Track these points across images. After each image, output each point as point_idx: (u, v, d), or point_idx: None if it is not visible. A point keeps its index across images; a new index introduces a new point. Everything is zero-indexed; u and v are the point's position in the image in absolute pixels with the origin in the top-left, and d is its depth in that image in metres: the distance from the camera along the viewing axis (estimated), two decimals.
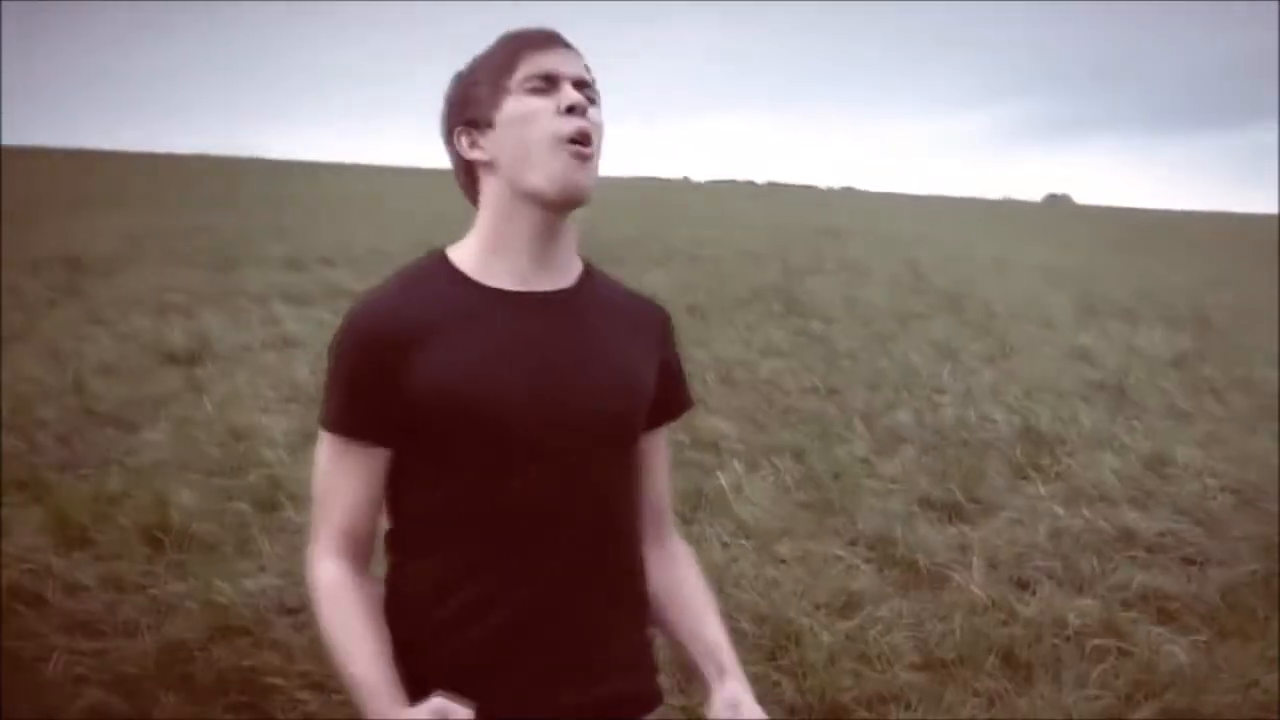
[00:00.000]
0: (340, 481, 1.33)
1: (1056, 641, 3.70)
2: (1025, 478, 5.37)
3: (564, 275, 1.37)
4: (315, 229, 18.20)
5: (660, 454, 1.48)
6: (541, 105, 1.31)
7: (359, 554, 1.33)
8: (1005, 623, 3.80)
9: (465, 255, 1.36)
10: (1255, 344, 9.93)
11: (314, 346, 8.03)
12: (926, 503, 4.91)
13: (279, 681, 3.17)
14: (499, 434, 1.29)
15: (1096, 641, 3.64)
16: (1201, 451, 5.81)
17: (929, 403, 6.88)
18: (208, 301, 9.97)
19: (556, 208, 1.32)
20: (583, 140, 1.30)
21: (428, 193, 32.82)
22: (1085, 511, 4.78)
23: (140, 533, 4.15)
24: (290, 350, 7.92)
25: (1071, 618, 3.81)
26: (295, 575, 3.80)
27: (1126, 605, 4.02)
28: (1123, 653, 3.61)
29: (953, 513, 4.83)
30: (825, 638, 3.61)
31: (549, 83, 1.32)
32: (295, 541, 4.15)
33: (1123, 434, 6.12)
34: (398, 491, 1.35)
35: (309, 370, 7.20)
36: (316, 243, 16.10)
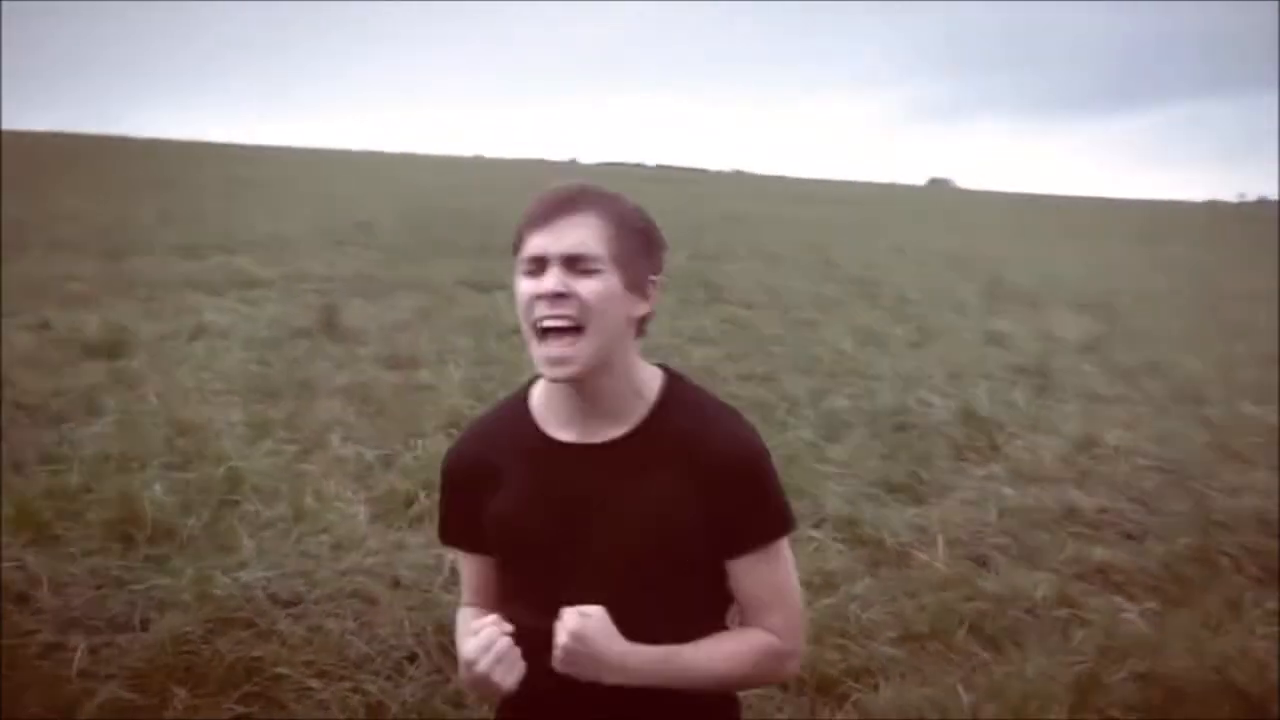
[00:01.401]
0: (462, 571, 1.70)
1: (1019, 614, 4.00)
2: (967, 459, 5.71)
3: (614, 426, 1.51)
4: (202, 214, 17.78)
5: (747, 578, 1.53)
6: (528, 290, 1.45)
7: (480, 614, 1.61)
8: (970, 598, 4.07)
9: (538, 395, 1.57)
10: (1158, 329, 10.59)
11: (237, 337, 7.97)
12: (883, 485, 5.19)
13: (287, 671, 3.25)
14: (536, 566, 1.54)
15: (1058, 613, 3.95)
16: (1129, 433, 6.24)
17: (865, 388, 7.20)
18: (112, 291, 9.74)
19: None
20: (555, 330, 1.43)
21: (319, 174, 32.28)
22: (1033, 490, 5.13)
23: (109, 528, 4.13)
24: (213, 340, 7.82)
25: (1030, 591, 4.12)
26: (284, 568, 3.87)
27: (1079, 578, 4.36)
28: (1082, 622, 3.92)
29: (908, 494, 5.13)
30: (809, 614, 3.84)
31: (538, 264, 1.45)
32: (274, 535, 4.20)
33: (1054, 417, 6.53)
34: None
35: (237, 361, 7.15)
36: (208, 228, 15.76)
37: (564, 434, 1.52)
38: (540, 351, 1.45)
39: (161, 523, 4.21)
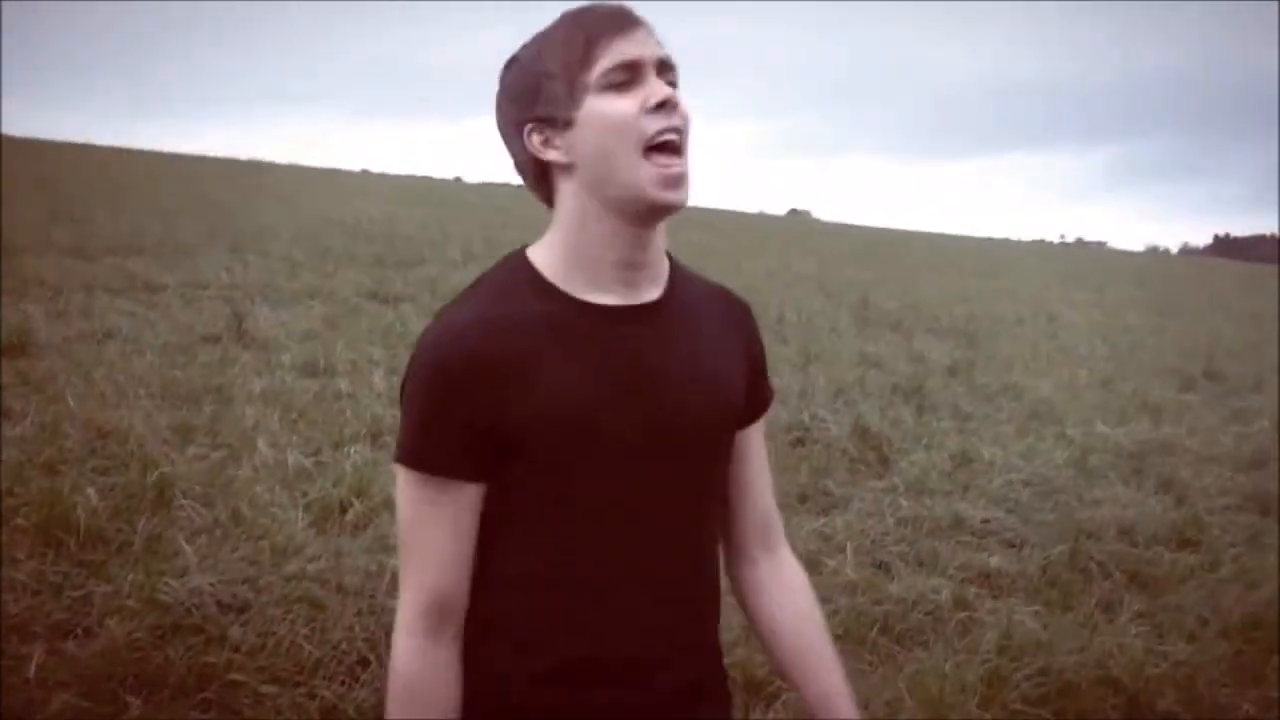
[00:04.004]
0: (429, 529, 1.19)
1: (922, 616, 4.13)
2: (861, 473, 5.87)
3: (655, 284, 1.25)
4: (90, 216, 16.97)
5: (760, 454, 1.38)
6: (625, 105, 1.15)
7: (446, 623, 1.20)
8: (879, 601, 4.18)
9: (549, 262, 1.22)
10: (1010, 354, 11.08)
11: (143, 341, 7.61)
12: (792, 496, 5.29)
13: (241, 678, 3.12)
14: (599, 458, 1.20)
15: (959, 615, 4.09)
16: (999, 450, 6.51)
17: None
18: (9, 290, 9.16)
19: (644, 220, 1.19)
20: (673, 146, 1.16)
21: (205, 181, 31.06)
22: (924, 502, 5.30)
23: (38, 533, 3.89)
24: (122, 344, 7.44)
25: (930, 595, 4.26)
26: (227, 574, 3.71)
27: (970, 582, 4.53)
28: (979, 623, 4.08)
29: (814, 504, 5.24)
30: (736, 619, 3.87)
31: (631, 72, 1.16)
32: (211, 540, 4.02)
33: (934, 434, 6.77)
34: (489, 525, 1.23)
35: (149, 366, 6.84)
36: (97, 230, 15.04)
37: (605, 298, 1.21)
38: (654, 172, 1.15)
39: (93, 528, 3.99)
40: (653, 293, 1.24)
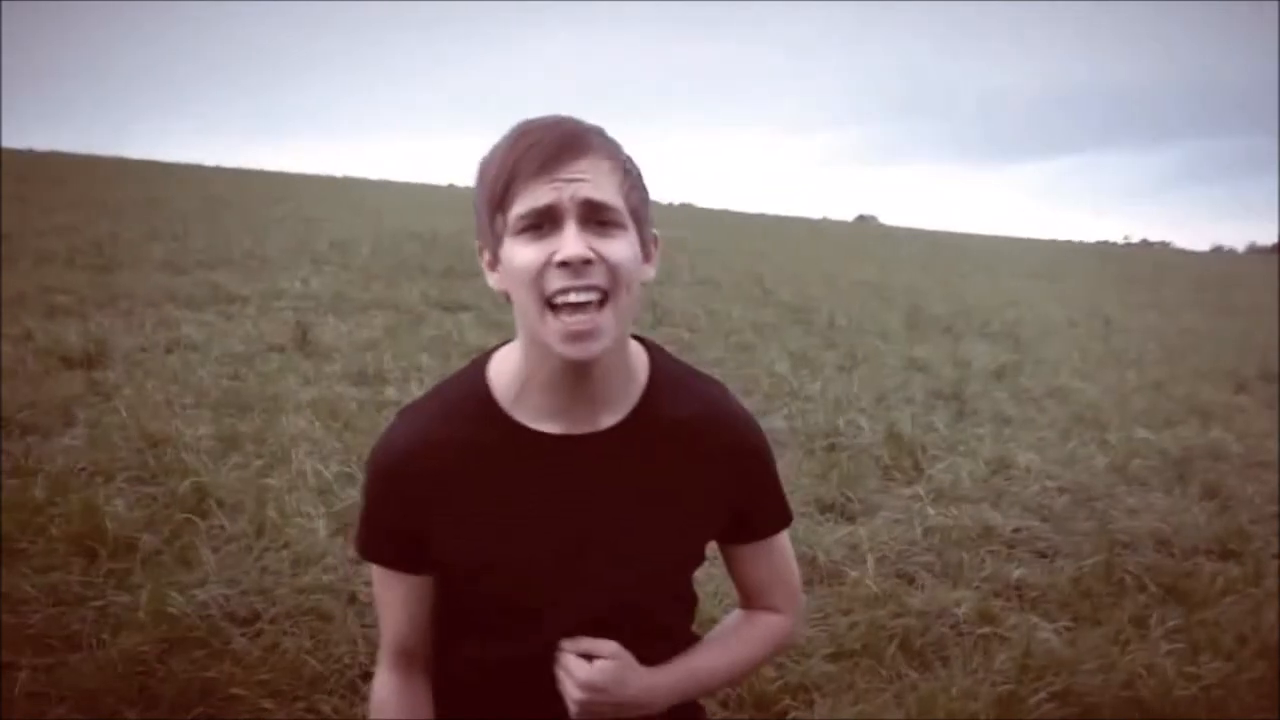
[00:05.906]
0: (385, 600, 1.27)
1: (944, 630, 3.84)
2: (893, 480, 5.56)
3: (610, 411, 1.18)
4: (188, 232, 17.32)
5: (747, 565, 1.33)
6: (531, 255, 1.07)
7: (413, 664, 1.29)
8: (899, 614, 3.90)
9: (503, 377, 1.19)
10: (1058, 357, 10.57)
11: (212, 350, 7.62)
12: (816, 504, 5.02)
13: (241, 692, 2.99)
14: (521, 590, 1.21)
15: (983, 630, 3.79)
16: (1036, 456, 6.13)
17: (799, 409, 7.04)
18: (96, 304, 9.33)
19: (565, 365, 1.12)
20: (576, 305, 1.07)
21: (300, 198, 31.74)
22: (954, 510, 4.97)
23: (72, 542, 3.82)
24: (188, 354, 7.46)
25: (953, 608, 3.96)
26: (243, 585, 3.60)
27: (997, 595, 4.21)
28: (1002, 640, 3.77)
29: (839, 512, 4.96)
30: None
31: (545, 218, 1.07)
32: (235, 550, 3.92)
33: (970, 440, 6.40)
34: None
35: (209, 375, 6.82)
36: (191, 245, 15.31)
37: (547, 425, 1.17)
38: (556, 326, 1.08)
39: (123, 538, 3.90)
40: (609, 419, 1.19)
